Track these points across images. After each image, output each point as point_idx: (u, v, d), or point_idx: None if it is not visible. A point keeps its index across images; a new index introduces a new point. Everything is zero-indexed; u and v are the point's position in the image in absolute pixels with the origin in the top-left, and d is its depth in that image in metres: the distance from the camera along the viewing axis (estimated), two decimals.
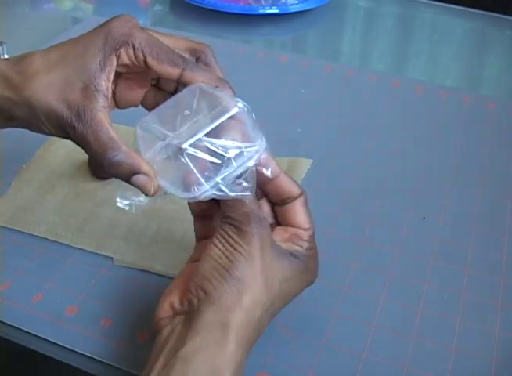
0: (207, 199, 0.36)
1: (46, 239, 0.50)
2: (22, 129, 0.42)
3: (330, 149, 0.61)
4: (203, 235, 0.42)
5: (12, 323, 0.44)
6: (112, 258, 0.49)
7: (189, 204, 0.41)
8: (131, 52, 0.39)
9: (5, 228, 0.51)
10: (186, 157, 0.35)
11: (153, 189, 0.38)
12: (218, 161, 0.35)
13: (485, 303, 0.46)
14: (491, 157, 0.60)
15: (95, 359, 0.42)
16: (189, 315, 0.36)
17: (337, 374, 0.41)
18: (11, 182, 0.55)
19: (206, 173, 0.35)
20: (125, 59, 0.39)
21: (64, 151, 0.59)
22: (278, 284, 0.38)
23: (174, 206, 0.53)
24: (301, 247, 0.39)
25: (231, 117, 0.36)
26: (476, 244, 0.51)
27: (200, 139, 0.35)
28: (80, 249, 0.50)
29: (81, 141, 0.38)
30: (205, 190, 0.36)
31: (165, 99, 0.39)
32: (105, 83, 0.39)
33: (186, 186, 0.36)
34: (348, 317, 0.45)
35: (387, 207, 0.54)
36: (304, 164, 0.58)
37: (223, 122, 0.36)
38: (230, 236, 0.37)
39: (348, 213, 0.53)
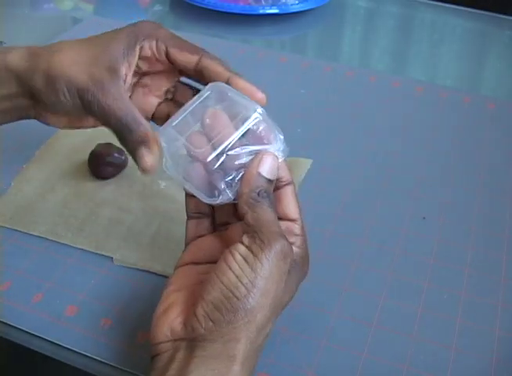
0: (226, 202, 0.37)
1: (46, 239, 0.50)
2: (22, 129, 0.42)
3: (330, 149, 0.61)
4: (195, 235, 0.41)
5: (12, 323, 0.44)
6: (112, 258, 0.49)
7: (187, 203, 0.41)
8: (153, 44, 0.42)
9: (5, 228, 0.51)
10: (210, 167, 0.37)
11: (149, 165, 0.39)
12: (241, 170, 0.37)
13: (485, 303, 0.46)
14: (491, 156, 0.60)
15: (94, 359, 0.42)
16: (193, 343, 0.34)
17: (337, 374, 0.41)
18: (11, 182, 0.55)
19: (228, 180, 0.37)
20: (147, 51, 0.42)
21: (64, 151, 0.59)
22: (283, 305, 0.37)
23: (174, 206, 0.53)
24: (294, 244, 0.39)
25: (252, 125, 0.37)
26: (476, 244, 0.51)
27: (223, 150, 0.37)
28: (80, 249, 0.50)
29: (101, 113, 0.40)
30: (227, 198, 0.37)
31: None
32: (125, 70, 0.41)
33: (210, 192, 0.37)
34: (348, 317, 0.45)
35: (387, 207, 0.54)
36: (304, 164, 0.58)
37: (246, 131, 0.37)
38: (254, 254, 0.34)
39: (348, 213, 0.53)
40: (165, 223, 0.52)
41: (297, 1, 0.89)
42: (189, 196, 0.41)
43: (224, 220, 0.42)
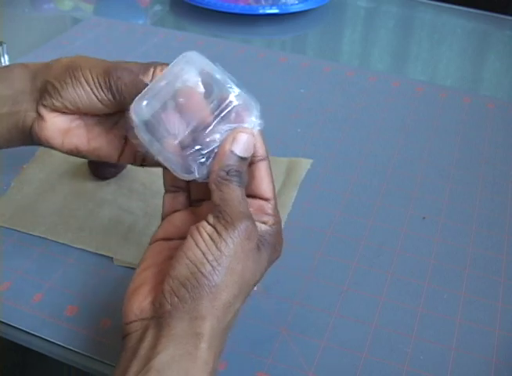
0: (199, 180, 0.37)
1: (46, 239, 0.50)
2: None
3: (330, 149, 0.61)
4: (172, 209, 0.41)
5: (12, 323, 0.44)
6: (112, 258, 0.49)
7: (164, 176, 0.41)
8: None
9: (5, 228, 0.51)
10: (183, 147, 0.37)
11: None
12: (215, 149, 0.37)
13: (485, 303, 0.46)
14: (491, 156, 0.60)
15: (94, 359, 0.42)
16: (161, 321, 0.34)
17: (337, 374, 0.41)
18: (11, 182, 0.55)
19: (202, 159, 0.37)
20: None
21: None
22: (253, 283, 0.37)
23: None
24: (267, 223, 0.38)
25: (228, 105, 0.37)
26: (476, 244, 0.51)
27: (198, 130, 0.37)
28: (80, 249, 0.50)
29: (127, 89, 0.40)
30: (200, 176, 0.37)
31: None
32: None
33: (183, 168, 0.37)
34: (348, 317, 0.45)
35: (387, 207, 0.54)
36: (304, 164, 0.58)
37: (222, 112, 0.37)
38: (218, 233, 0.35)
39: (348, 213, 0.53)
40: None
41: (297, 1, 0.89)
42: (166, 169, 0.40)
43: (199, 196, 0.41)
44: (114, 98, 0.40)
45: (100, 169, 0.56)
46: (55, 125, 0.42)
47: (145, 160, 0.43)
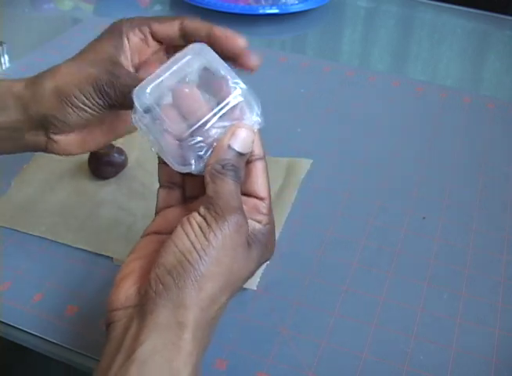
0: (201, 174, 0.37)
1: (46, 239, 0.50)
2: None
3: (330, 149, 0.61)
4: (165, 204, 0.41)
5: (12, 323, 0.44)
6: (112, 258, 0.49)
7: (159, 171, 0.41)
8: (136, 31, 0.44)
9: (5, 228, 0.51)
10: (182, 143, 0.37)
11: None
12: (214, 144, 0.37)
13: (485, 303, 0.46)
14: (491, 156, 0.60)
15: (94, 359, 0.42)
16: (145, 309, 0.34)
17: (337, 374, 0.41)
18: (11, 182, 0.56)
19: (200, 153, 0.37)
20: (134, 39, 0.43)
21: None
22: (241, 279, 0.37)
23: None
24: (260, 222, 0.38)
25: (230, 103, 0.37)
26: (476, 244, 0.51)
27: (198, 127, 0.36)
28: (80, 249, 0.50)
29: (121, 94, 0.41)
30: (197, 169, 0.37)
31: None
32: (125, 62, 0.43)
33: (179, 160, 0.37)
34: (348, 317, 0.45)
35: (387, 207, 0.54)
36: (304, 164, 0.58)
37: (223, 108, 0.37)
38: (208, 224, 0.35)
39: (348, 213, 0.53)
40: None
41: (297, 1, 0.89)
42: (161, 164, 0.40)
43: (194, 193, 0.41)
44: (117, 100, 0.41)
45: (100, 169, 0.56)
46: (70, 140, 0.44)
47: None
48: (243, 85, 0.37)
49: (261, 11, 0.86)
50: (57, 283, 0.47)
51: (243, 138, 0.37)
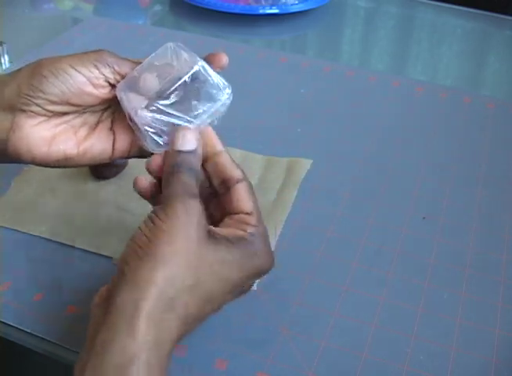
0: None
1: (46, 239, 0.50)
2: None
3: (330, 149, 0.61)
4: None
5: (12, 323, 0.44)
6: (112, 258, 0.49)
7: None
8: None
9: (5, 228, 0.51)
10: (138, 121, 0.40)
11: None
12: (179, 122, 0.39)
13: (485, 303, 0.46)
14: (491, 156, 0.60)
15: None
16: (107, 299, 0.35)
17: (337, 374, 0.41)
18: (11, 182, 0.56)
19: (155, 133, 0.40)
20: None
21: None
22: (209, 265, 0.36)
23: None
24: (245, 230, 0.38)
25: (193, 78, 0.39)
26: (476, 244, 0.51)
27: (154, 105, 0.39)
28: (80, 249, 0.50)
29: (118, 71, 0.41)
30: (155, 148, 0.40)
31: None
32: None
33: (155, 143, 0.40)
34: (348, 317, 0.45)
35: (387, 207, 0.54)
36: (304, 164, 0.58)
37: (186, 85, 0.39)
38: (156, 215, 0.36)
39: (348, 213, 0.53)
40: None
41: (297, 1, 0.89)
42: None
43: None
44: (113, 78, 0.41)
45: (100, 169, 0.55)
46: (38, 134, 0.40)
47: (140, 151, 0.43)
48: (201, 63, 0.40)
49: (261, 11, 0.86)
50: (57, 283, 0.47)
51: (188, 138, 0.39)
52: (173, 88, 0.39)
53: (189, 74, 0.39)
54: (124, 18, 0.87)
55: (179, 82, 0.39)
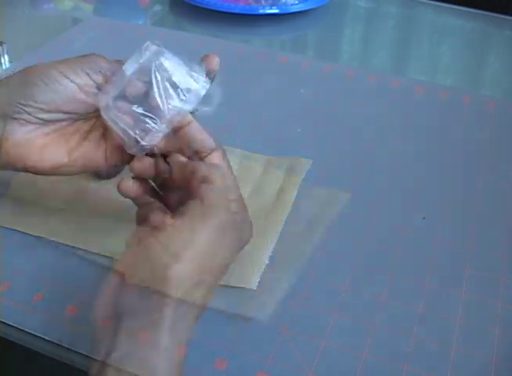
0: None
1: (46, 239, 0.50)
2: None
3: (330, 149, 0.61)
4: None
5: (12, 323, 0.44)
6: (112, 258, 0.49)
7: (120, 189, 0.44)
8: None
9: (5, 228, 0.51)
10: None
11: None
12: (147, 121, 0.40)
13: (485, 303, 0.46)
14: (491, 156, 0.60)
15: (95, 359, 0.42)
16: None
17: (337, 374, 0.41)
18: (11, 182, 0.55)
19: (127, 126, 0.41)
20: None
21: None
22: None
23: None
24: (207, 181, 0.39)
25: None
26: (476, 244, 0.51)
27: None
28: (80, 249, 0.50)
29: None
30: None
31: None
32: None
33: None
34: (348, 317, 0.45)
35: (387, 207, 0.54)
36: (304, 164, 0.58)
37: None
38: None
39: (348, 213, 0.53)
40: None
41: (297, 1, 0.89)
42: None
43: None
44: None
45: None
46: (30, 142, 0.41)
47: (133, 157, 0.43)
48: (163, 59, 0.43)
49: (261, 11, 0.86)
50: (57, 283, 0.47)
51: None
52: (128, 85, 0.40)
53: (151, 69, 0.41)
54: (124, 18, 0.87)
55: (127, 79, 0.40)
